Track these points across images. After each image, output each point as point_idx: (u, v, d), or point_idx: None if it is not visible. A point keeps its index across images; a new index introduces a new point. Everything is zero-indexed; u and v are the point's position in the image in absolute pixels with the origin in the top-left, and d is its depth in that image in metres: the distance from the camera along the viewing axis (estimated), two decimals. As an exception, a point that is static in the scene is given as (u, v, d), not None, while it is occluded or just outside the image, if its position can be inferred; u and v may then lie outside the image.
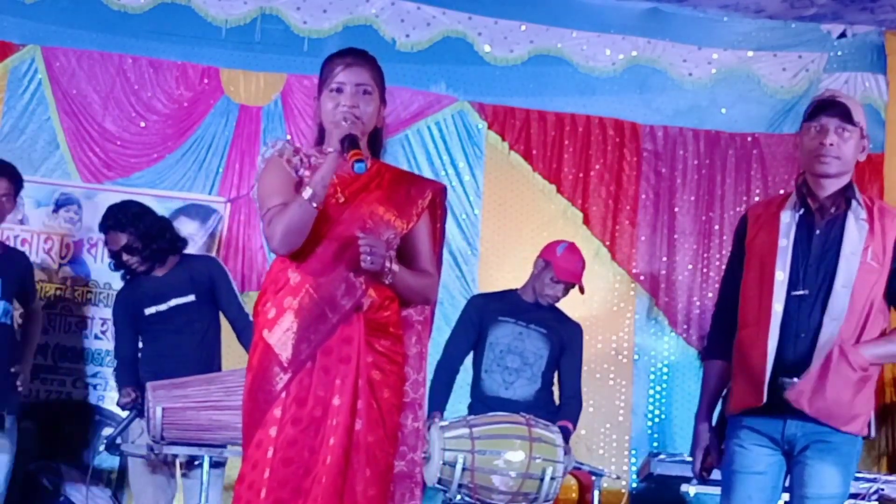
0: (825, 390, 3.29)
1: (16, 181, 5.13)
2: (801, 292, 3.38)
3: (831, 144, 3.38)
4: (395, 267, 3.06)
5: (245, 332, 4.87)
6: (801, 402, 3.30)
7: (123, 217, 5.03)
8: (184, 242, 5.16)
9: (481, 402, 5.01)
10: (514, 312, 5.12)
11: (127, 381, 4.97)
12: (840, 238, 3.39)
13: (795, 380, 3.32)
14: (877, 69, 6.71)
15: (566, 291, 5.14)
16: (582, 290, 5.15)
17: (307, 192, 2.98)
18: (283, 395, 2.99)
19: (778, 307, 3.37)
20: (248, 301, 5.08)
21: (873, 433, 3.41)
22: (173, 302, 4.99)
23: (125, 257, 5.00)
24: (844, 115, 3.39)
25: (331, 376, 2.99)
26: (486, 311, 5.16)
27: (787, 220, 3.46)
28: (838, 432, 3.32)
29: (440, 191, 3.28)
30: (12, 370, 5.03)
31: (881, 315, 3.40)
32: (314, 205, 2.98)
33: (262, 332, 3.05)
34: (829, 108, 3.41)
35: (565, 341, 5.15)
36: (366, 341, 3.02)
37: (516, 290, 5.22)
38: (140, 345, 5.08)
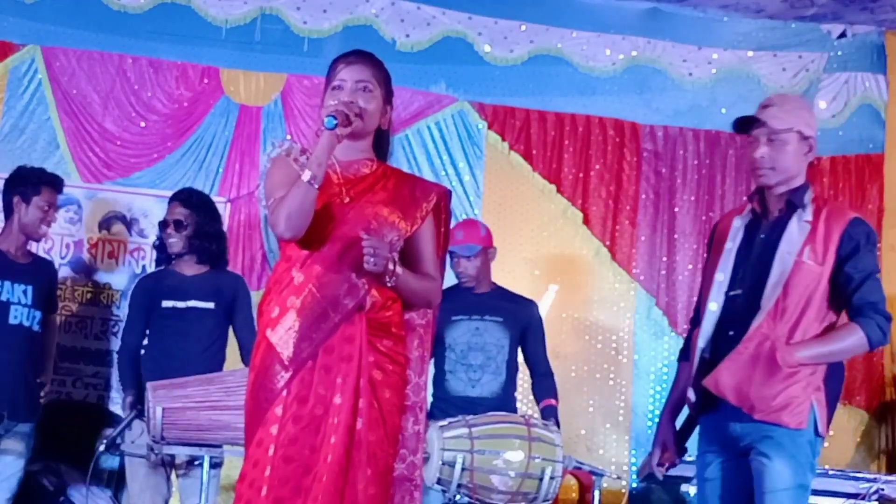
0: (750, 382, 3.32)
1: (60, 191, 5.15)
2: (735, 292, 3.44)
3: (762, 157, 3.44)
4: (399, 269, 3.06)
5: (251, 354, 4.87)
6: (721, 391, 3.34)
7: (197, 199, 5.11)
8: (224, 264, 5.16)
9: (448, 403, 4.94)
10: (467, 308, 5.03)
11: (129, 378, 4.97)
12: (780, 239, 3.41)
13: None
14: (877, 69, 6.71)
15: (469, 260, 4.99)
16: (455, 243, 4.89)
17: (306, 175, 2.98)
18: (285, 393, 2.99)
19: (713, 307, 3.46)
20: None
21: (822, 430, 3.36)
22: (192, 303, 4.98)
23: (168, 230, 5.01)
24: (769, 123, 3.43)
25: (332, 375, 2.99)
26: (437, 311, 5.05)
27: (737, 224, 3.54)
28: (780, 427, 3.32)
29: (445, 195, 3.27)
30: (38, 380, 5.07)
31: (817, 317, 3.37)
32: (315, 185, 2.98)
33: (265, 331, 3.06)
34: (755, 120, 3.48)
35: (524, 322, 5.09)
36: (367, 340, 3.03)
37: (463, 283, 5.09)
38: (146, 341, 5.07)
